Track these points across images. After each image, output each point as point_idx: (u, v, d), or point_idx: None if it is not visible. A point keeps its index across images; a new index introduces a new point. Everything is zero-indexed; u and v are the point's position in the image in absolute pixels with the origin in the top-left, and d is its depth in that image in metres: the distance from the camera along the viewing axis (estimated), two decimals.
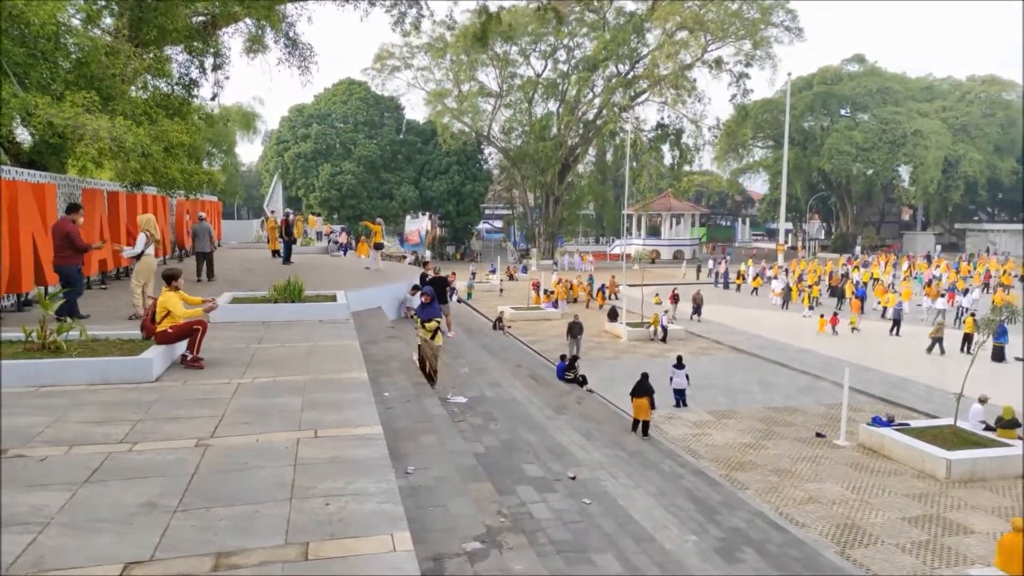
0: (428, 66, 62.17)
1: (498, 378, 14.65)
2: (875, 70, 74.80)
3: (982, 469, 13.64)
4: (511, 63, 62.44)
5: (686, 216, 72.10)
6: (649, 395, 14.73)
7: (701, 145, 63.24)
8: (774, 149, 74.72)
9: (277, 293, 11.95)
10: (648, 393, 14.75)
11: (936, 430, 15.06)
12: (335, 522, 4.35)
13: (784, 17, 56.47)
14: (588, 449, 10.93)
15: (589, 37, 61.29)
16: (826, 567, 8.86)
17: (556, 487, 8.10)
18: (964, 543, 10.86)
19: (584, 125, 63.66)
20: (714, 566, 7.33)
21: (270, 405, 6.68)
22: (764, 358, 24.64)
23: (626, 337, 27.97)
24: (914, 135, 66.42)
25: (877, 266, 53.97)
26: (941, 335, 25.70)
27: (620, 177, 68.35)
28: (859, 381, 19.66)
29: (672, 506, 9.32)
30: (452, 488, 6.27)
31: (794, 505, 12.23)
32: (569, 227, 76.35)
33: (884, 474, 13.85)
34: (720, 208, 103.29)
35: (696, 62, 57.70)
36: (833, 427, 16.45)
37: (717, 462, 14.30)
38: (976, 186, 71.93)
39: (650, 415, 14.85)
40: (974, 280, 45.01)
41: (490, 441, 9.26)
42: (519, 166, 64.77)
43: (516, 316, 32.14)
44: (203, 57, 18.24)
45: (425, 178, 64.39)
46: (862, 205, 79.76)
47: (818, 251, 76.69)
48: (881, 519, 11.71)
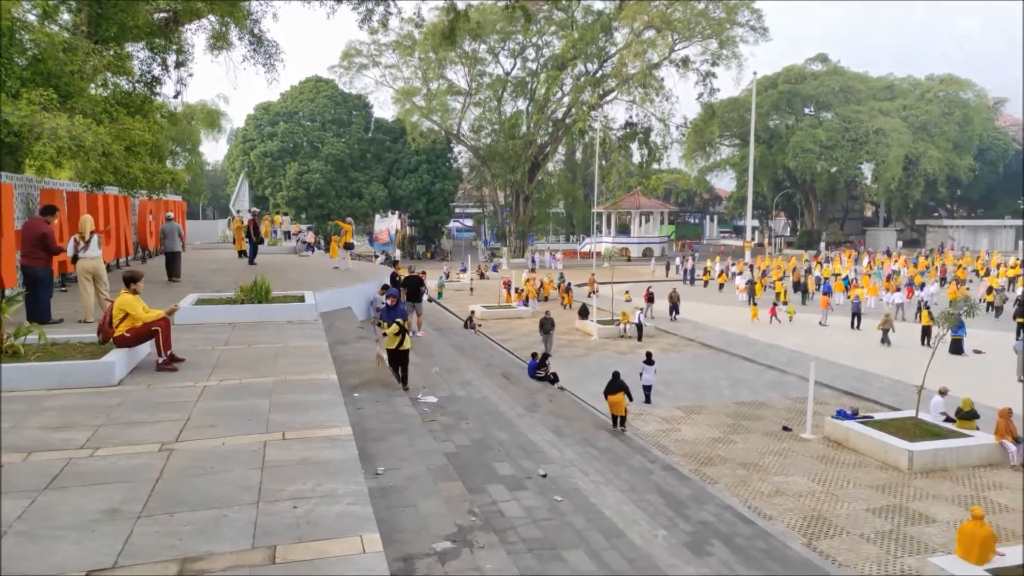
0: (396, 64, 61.89)
1: (469, 377, 14.64)
2: (838, 69, 76.19)
3: (943, 459, 13.99)
4: (480, 61, 62.39)
5: (655, 214, 72.70)
6: (624, 390, 15.12)
7: (669, 143, 63.95)
8: (740, 147, 75.75)
9: (244, 294, 11.79)
10: (622, 388, 15.11)
11: (899, 422, 15.40)
12: (303, 525, 4.31)
13: (749, 17, 57.26)
14: (559, 446, 10.97)
15: (558, 36, 61.52)
16: (793, 559, 9.01)
17: (527, 485, 8.11)
18: (926, 532, 11.13)
19: (553, 123, 63.87)
20: (683, 560, 7.42)
21: (237, 407, 6.59)
22: (732, 354, 24.97)
23: (597, 334, 28.13)
24: (876, 133, 67.82)
25: (839, 262, 55.00)
26: (888, 326, 26.63)
27: (590, 175, 68.72)
28: (824, 375, 20.02)
29: (642, 501, 9.40)
30: (423, 488, 6.25)
31: (762, 498, 12.41)
32: (540, 225, 76.57)
33: (849, 466, 14.12)
34: (688, 206, 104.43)
35: (663, 61, 58.23)
36: (799, 421, 16.72)
37: (686, 457, 14.45)
38: (936, 183, 73.69)
39: (625, 410, 15.24)
40: (930, 275, 46.11)
41: (461, 440, 9.24)
42: (489, 164, 64.74)
43: (487, 315, 32.14)
44: (165, 54, 17.87)
45: (394, 177, 64.01)
46: (826, 202, 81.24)
47: (784, 248, 77.93)
48: (846, 510, 11.94)
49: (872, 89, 75.88)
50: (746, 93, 66.52)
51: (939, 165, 70.20)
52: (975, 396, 16.01)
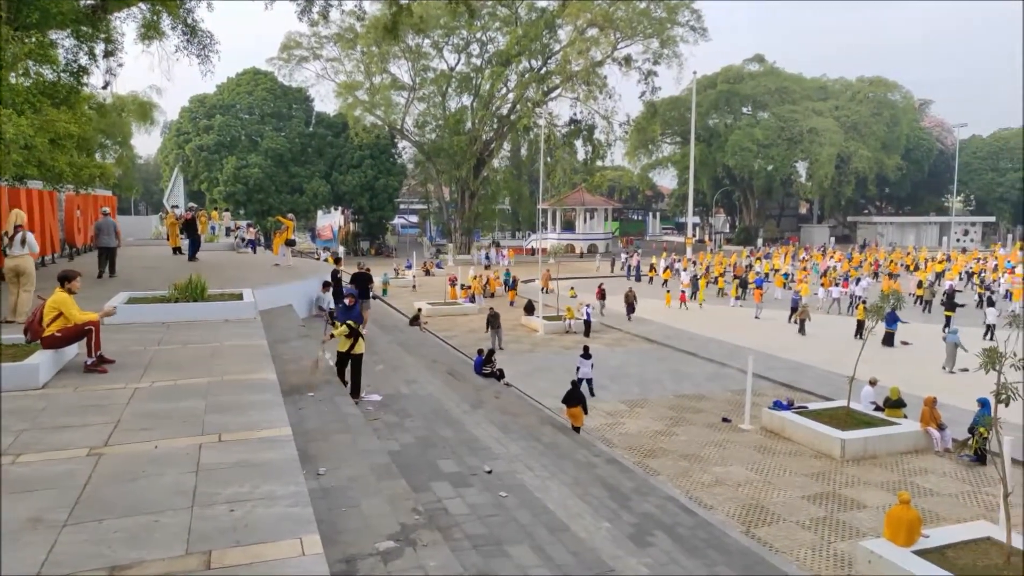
0: (338, 57, 60.82)
1: (414, 375, 14.52)
2: (774, 70, 78.44)
3: (873, 447, 14.56)
4: (424, 56, 61.90)
5: (599, 210, 73.53)
6: (581, 403, 14.97)
7: (613, 141, 64.75)
8: (682, 145, 77.24)
9: (178, 292, 11.42)
10: (580, 401, 14.97)
11: (831, 412, 15.97)
12: (240, 528, 4.20)
13: (689, 17, 58.42)
14: (505, 442, 10.98)
15: (502, 32, 61.53)
16: (732, 547, 9.24)
17: (472, 481, 8.10)
18: (857, 517, 11.57)
19: (498, 120, 63.88)
20: (627, 551, 7.52)
21: (170, 409, 6.39)
22: (674, 348, 25.44)
23: (542, 330, 28.27)
24: (810, 133, 70.12)
25: (778, 257, 56.71)
26: (805, 317, 28.19)
27: (535, 172, 69.02)
28: (762, 368, 20.57)
29: (587, 495, 9.49)
30: (365, 487, 6.17)
31: (703, 488, 12.69)
32: (485, 222, 76.52)
33: (785, 455, 14.56)
34: (632, 203, 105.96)
35: (606, 59, 58.88)
36: (738, 412, 17.15)
37: (630, 450, 14.66)
38: (866, 181, 76.71)
39: (583, 421, 15.02)
40: (865, 269, 47.97)
41: (405, 438, 9.16)
42: (434, 160, 64.33)
43: (433, 312, 31.94)
44: (93, 43, 17.13)
45: (337, 172, 62.95)
46: (763, 199, 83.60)
47: (724, 244, 79.90)
48: (783, 498, 12.32)
49: (806, 90, 78.42)
50: (686, 92, 67.85)
51: (869, 164, 73.08)
52: (903, 386, 16.71)
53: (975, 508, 11.94)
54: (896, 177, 78.84)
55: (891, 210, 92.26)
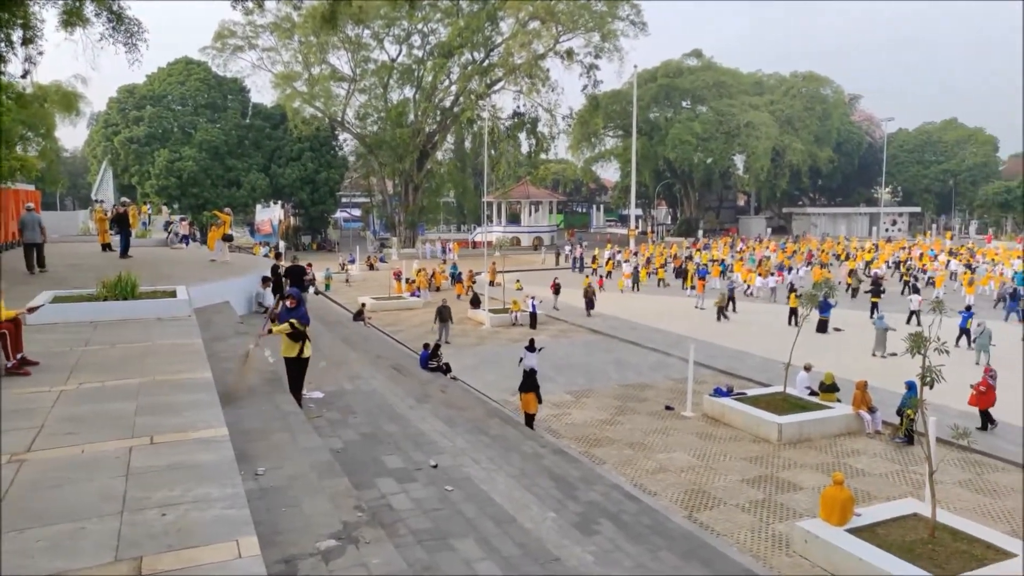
0: (275, 47, 59.25)
1: (358, 370, 14.32)
2: (711, 65, 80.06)
3: (808, 430, 15.07)
4: (364, 47, 60.84)
5: (544, 203, 73.88)
6: (535, 390, 15.07)
7: (556, 134, 65.04)
8: (624, 138, 78.19)
9: (107, 290, 10.94)
10: (534, 388, 15.07)
11: (769, 397, 16.46)
12: (173, 533, 4.06)
13: (629, 11, 59.05)
14: (451, 436, 10.93)
15: (443, 23, 60.99)
16: (675, 531, 9.42)
17: (417, 476, 8.03)
18: (794, 499, 11.95)
19: (441, 112, 63.40)
20: (572, 540, 7.58)
21: (98, 412, 6.12)
22: (619, 338, 25.79)
23: (489, 323, 28.27)
24: (746, 127, 71.91)
25: (716, 248, 58.06)
26: (723, 304, 29.56)
27: (479, 165, 68.85)
28: (703, 356, 21.03)
29: (533, 486, 9.53)
30: (306, 486, 6.04)
31: (647, 475, 12.91)
32: (430, 215, 75.97)
33: (725, 440, 14.94)
34: (576, 195, 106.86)
35: (549, 52, 59.07)
36: (681, 400, 17.50)
37: (576, 440, 14.80)
38: (800, 174, 79.18)
39: (537, 408, 15.13)
40: (798, 259, 49.52)
41: (349, 435, 9.01)
42: (376, 153, 63.46)
43: (377, 306, 31.57)
44: (10, 30, 16.24)
45: (276, 165, 61.45)
46: (703, 192, 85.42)
47: (665, 235, 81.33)
48: (723, 482, 12.63)
49: (742, 85, 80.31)
50: (628, 86, 68.70)
51: (802, 157, 75.43)
52: (836, 371, 17.33)
53: (903, 486, 12.48)
54: (828, 169, 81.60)
55: (824, 201, 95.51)
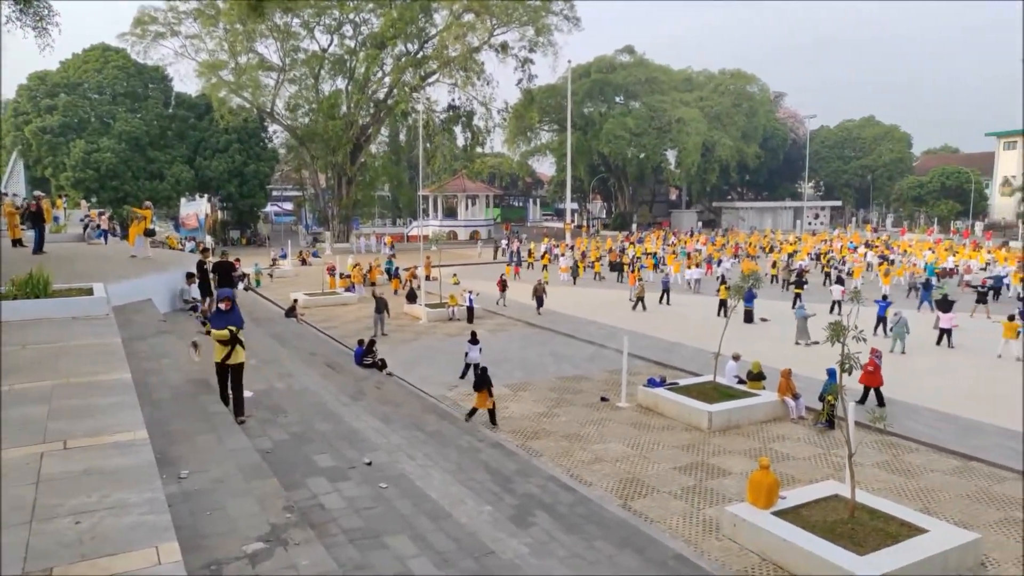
0: (199, 34, 56.90)
1: (290, 368, 13.99)
2: (643, 61, 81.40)
3: (736, 417, 15.54)
4: (293, 36, 59.18)
5: (481, 197, 73.77)
6: (487, 387, 15.04)
7: (492, 127, 64.93)
8: (559, 133, 78.74)
9: (17, 288, 10.33)
10: (486, 385, 15.04)
11: (699, 387, 16.89)
12: (87, 541, 3.86)
13: (563, 6, 59.37)
14: (386, 433, 10.80)
15: (376, 13, 59.93)
16: (610, 520, 9.58)
17: (350, 475, 7.89)
18: (724, 484, 12.31)
19: (375, 104, 62.38)
20: (507, 533, 7.60)
21: (7, 417, 5.77)
22: (555, 331, 26.00)
23: (426, 318, 28.05)
24: (677, 122, 73.48)
25: (650, 242, 59.24)
26: (642, 295, 30.41)
27: (414, 158, 68.15)
28: (637, 347, 21.41)
29: (469, 480, 9.52)
30: (232, 489, 5.85)
31: (583, 466, 13.07)
32: (365, 209, 74.81)
33: (659, 430, 15.26)
34: (513, 189, 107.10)
35: (483, 46, 58.86)
36: (616, 391, 17.77)
37: (514, 433, 14.85)
38: (728, 169, 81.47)
39: (489, 404, 15.09)
40: (727, 252, 51.04)
41: (278, 435, 8.78)
42: (308, 145, 61.99)
43: (310, 302, 30.91)
44: None
45: (201, 157, 59.24)
46: (637, 186, 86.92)
47: (601, 229, 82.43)
48: (656, 470, 12.91)
49: (673, 81, 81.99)
50: (562, 80, 69.13)
51: (731, 152, 77.63)
52: (762, 359, 17.92)
53: (825, 469, 13.02)
54: (755, 165, 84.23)
55: (751, 196, 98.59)
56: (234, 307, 9.45)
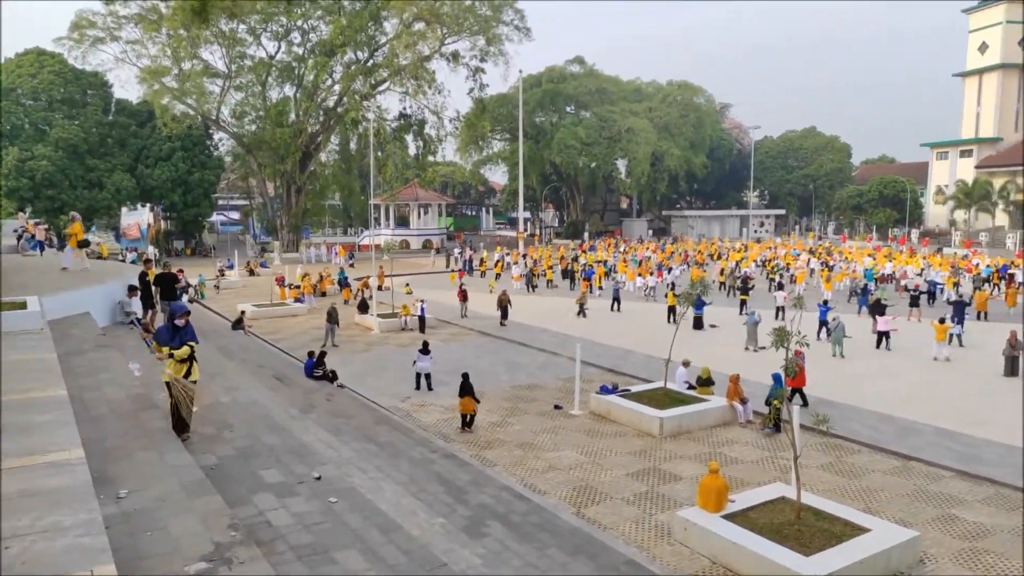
0: (140, 40, 55.37)
1: (236, 381, 13.65)
2: (593, 72, 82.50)
3: (687, 423, 15.76)
4: (240, 42, 58.08)
5: (433, 206, 73.51)
6: (470, 393, 15.50)
7: (444, 136, 64.70)
8: (511, 142, 79.07)
9: None
10: (469, 391, 15.50)
11: (651, 393, 17.09)
12: (18, 566, 3.68)
13: (513, 16, 59.79)
14: (336, 446, 10.62)
15: (325, 21, 59.32)
16: (563, 528, 9.59)
17: (299, 490, 7.72)
18: (675, 489, 12.46)
19: (325, 112, 61.63)
20: (460, 544, 7.54)
21: None
22: (509, 340, 26.01)
23: (377, 328, 27.74)
24: (627, 132, 74.61)
25: (601, 250, 59.88)
26: (584, 301, 31.07)
27: (365, 166, 67.46)
28: (590, 355, 21.56)
29: (421, 492, 9.42)
30: (174, 507, 5.65)
31: (536, 474, 13.06)
32: (314, 218, 73.72)
33: (611, 436, 15.37)
34: (465, 198, 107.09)
35: (434, 54, 58.80)
36: (569, 398, 17.84)
37: (467, 443, 14.76)
38: (677, 178, 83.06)
39: (475, 408, 15.63)
40: (676, 259, 51.91)
41: (224, 451, 8.54)
42: (255, 153, 60.83)
43: (258, 314, 30.26)
44: None
45: (143, 165, 57.56)
46: (588, 195, 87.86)
47: (553, 238, 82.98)
48: (609, 477, 12.99)
49: (623, 91, 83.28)
50: (513, 90, 69.53)
51: (679, 162, 79.13)
52: (711, 365, 18.25)
53: (772, 472, 13.30)
54: (703, 174, 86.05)
55: (699, 204, 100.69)
56: (188, 324, 8.98)
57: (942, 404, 17.30)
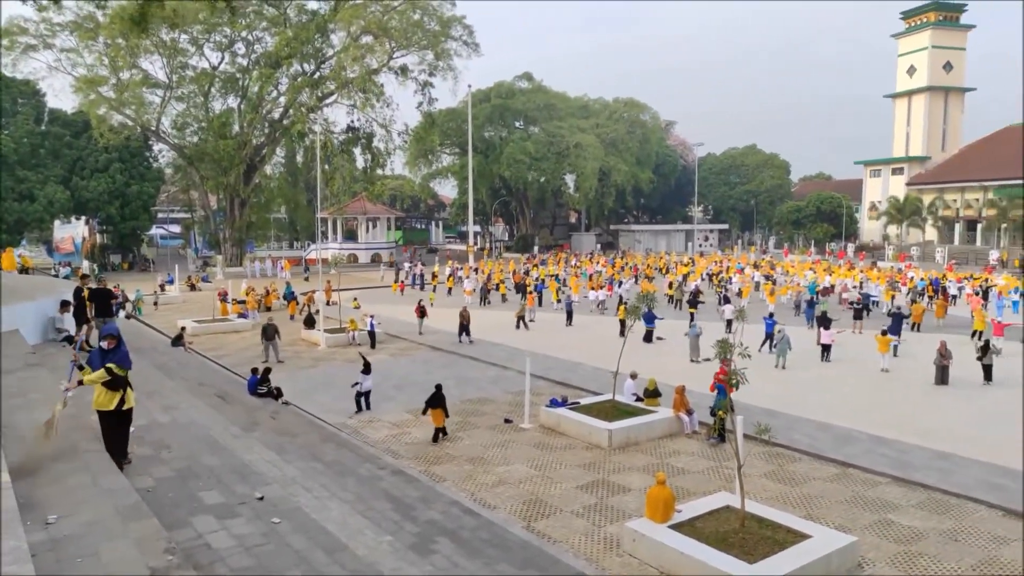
0: (76, 48, 53.63)
1: (175, 400, 13.21)
2: (541, 88, 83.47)
3: (635, 434, 15.93)
4: (181, 52, 56.85)
5: (382, 219, 72.96)
6: (442, 404, 15.70)
7: (392, 149, 64.37)
8: (460, 156, 79.22)
9: None
10: (441, 403, 15.69)
11: (600, 405, 17.22)
12: None
13: (462, 32, 60.06)
14: (280, 465, 10.36)
15: (270, 32, 58.56)
16: (513, 542, 9.55)
17: (240, 511, 7.49)
18: (624, 501, 12.55)
19: (270, 124, 60.68)
20: (408, 562, 7.43)
21: None
22: (459, 354, 25.88)
23: (324, 344, 27.27)
24: (575, 148, 75.61)
25: (552, 264, 60.29)
26: (523, 314, 31.70)
27: (312, 179, 66.62)
28: (540, 368, 21.63)
29: (369, 510, 9.26)
30: (107, 532, 5.42)
31: (486, 489, 12.99)
32: (260, 231, 72.32)
33: (561, 449, 15.42)
34: (415, 211, 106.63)
35: (383, 68, 58.59)
36: (519, 412, 17.84)
37: (416, 459, 14.60)
38: (624, 193, 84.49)
39: (444, 421, 15.83)
40: (626, 273, 52.63)
41: (161, 472, 8.24)
42: (197, 165, 59.43)
43: (200, 330, 29.43)
44: None
45: (78, 177, 55.58)
46: (537, 209, 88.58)
47: (503, 252, 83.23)
48: (559, 490, 13.01)
49: (570, 108, 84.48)
50: (462, 104, 69.73)
51: (626, 177, 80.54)
52: (658, 377, 18.50)
53: (718, 481, 13.53)
54: (649, 189, 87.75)
55: (646, 219, 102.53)
56: (120, 345, 8.33)
57: (877, 412, 17.91)
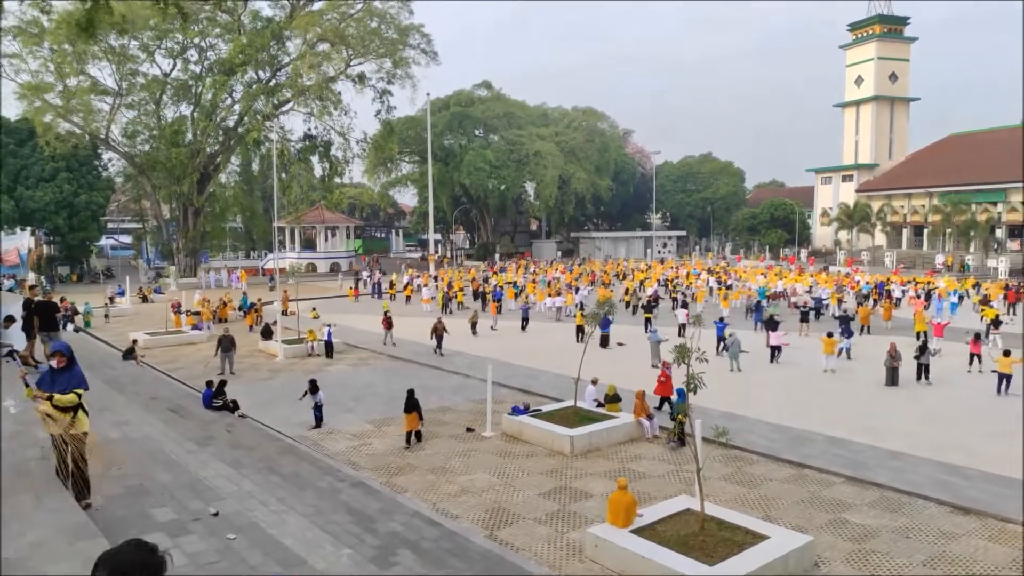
0: (19, 53, 51.96)
1: (126, 415, 12.84)
2: (501, 96, 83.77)
3: (597, 440, 16.01)
4: (131, 59, 55.47)
5: (341, 228, 72.22)
6: (417, 409, 16.05)
7: (351, 158, 63.69)
8: (420, 164, 78.96)
9: None
10: (416, 408, 16.04)
11: (562, 412, 17.27)
12: None
13: (420, 40, 59.89)
14: (236, 479, 10.13)
15: (224, 39, 57.57)
16: (475, 552, 9.49)
17: (194, 528, 7.30)
18: (586, 507, 12.59)
19: (224, 132, 59.55)
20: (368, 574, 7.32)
21: None
22: (420, 363, 25.69)
23: (282, 355, 26.81)
24: (535, 156, 76.05)
25: (512, 271, 60.40)
26: (476, 320, 32.07)
27: (269, 188, 65.52)
28: (502, 376, 21.60)
29: (328, 523, 9.11)
30: (52, 553, 5.22)
31: (449, 499, 12.90)
32: (214, 241, 70.87)
33: (524, 457, 15.40)
34: (374, 220, 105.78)
35: (340, 75, 58.02)
36: (481, 420, 17.77)
37: (377, 470, 14.42)
38: (584, 200, 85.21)
39: (419, 425, 16.18)
40: (584, 280, 53.00)
41: (111, 490, 7.99)
42: (148, 174, 58.00)
43: (152, 343, 28.65)
44: None
45: (23, 187, 53.76)
46: (498, 217, 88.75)
47: (464, 260, 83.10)
48: (522, 498, 12.99)
49: (530, 116, 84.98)
50: (422, 113, 69.56)
51: (586, 185, 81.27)
52: (618, 382, 18.64)
53: (678, 484, 13.67)
54: (608, 197, 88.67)
55: (606, 226, 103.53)
56: (72, 364, 7.76)
57: (831, 413, 18.33)
